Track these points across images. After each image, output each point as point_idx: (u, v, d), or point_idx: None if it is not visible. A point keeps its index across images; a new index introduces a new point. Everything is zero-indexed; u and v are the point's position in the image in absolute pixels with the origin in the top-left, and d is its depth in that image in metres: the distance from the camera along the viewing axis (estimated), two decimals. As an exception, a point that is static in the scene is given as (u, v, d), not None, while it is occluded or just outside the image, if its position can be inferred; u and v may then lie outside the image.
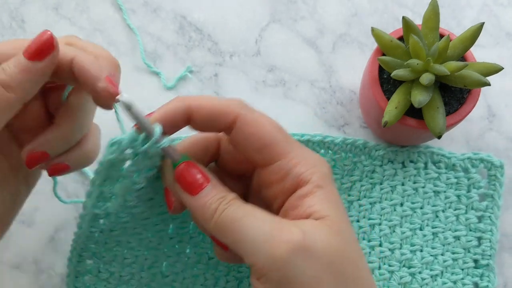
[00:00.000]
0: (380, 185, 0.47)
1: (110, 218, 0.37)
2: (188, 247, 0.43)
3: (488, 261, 0.46)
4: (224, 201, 0.31)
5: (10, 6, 0.53)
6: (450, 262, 0.46)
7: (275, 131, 0.33)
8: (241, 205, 0.32)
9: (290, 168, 0.32)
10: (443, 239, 0.46)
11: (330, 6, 0.53)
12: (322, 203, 0.31)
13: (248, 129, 0.32)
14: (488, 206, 0.47)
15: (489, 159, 0.47)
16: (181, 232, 0.42)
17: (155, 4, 0.53)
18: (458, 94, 0.43)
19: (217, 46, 0.52)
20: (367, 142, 0.47)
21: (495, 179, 0.47)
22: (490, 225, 0.46)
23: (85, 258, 0.42)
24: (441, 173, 0.47)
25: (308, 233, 0.30)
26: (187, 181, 0.33)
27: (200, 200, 0.32)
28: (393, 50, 0.42)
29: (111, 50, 0.51)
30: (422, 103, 0.39)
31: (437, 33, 0.42)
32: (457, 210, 0.47)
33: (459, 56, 0.42)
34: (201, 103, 0.33)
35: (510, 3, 0.53)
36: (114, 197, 0.36)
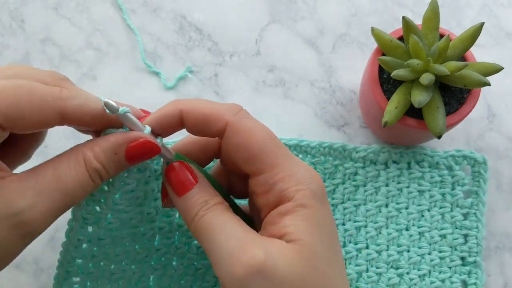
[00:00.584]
0: (363, 187, 0.47)
1: (99, 223, 0.36)
2: (174, 259, 0.43)
3: (475, 258, 0.46)
4: (205, 206, 0.32)
5: (10, 6, 0.53)
6: (437, 261, 0.46)
7: (264, 142, 0.32)
8: (219, 213, 0.31)
9: (274, 182, 0.31)
10: (429, 238, 0.46)
11: (330, 6, 0.53)
12: (299, 224, 0.30)
13: (236, 138, 0.32)
14: (473, 203, 0.47)
15: (472, 156, 0.47)
16: (167, 243, 0.42)
17: (155, 4, 0.53)
18: (458, 94, 0.43)
19: (217, 46, 0.52)
20: (346, 144, 0.47)
21: (478, 175, 0.47)
22: (476, 222, 0.46)
23: (72, 275, 0.39)
24: (425, 172, 0.47)
25: (271, 256, 0.29)
26: (175, 181, 0.33)
27: (185, 202, 0.32)
28: (393, 50, 0.42)
29: (111, 50, 0.52)
30: (422, 103, 0.39)
31: (437, 33, 0.42)
32: (442, 209, 0.47)
33: (459, 56, 0.42)
34: (192, 107, 0.33)
35: (510, 3, 0.53)
36: (103, 200, 0.35)
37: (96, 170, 0.32)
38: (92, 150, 0.32)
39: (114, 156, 0.32)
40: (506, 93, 0.51)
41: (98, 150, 0.32)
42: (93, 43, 0.52)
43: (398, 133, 0.45)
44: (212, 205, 0.32)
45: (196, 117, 0.32)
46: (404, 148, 0.47)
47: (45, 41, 0.52)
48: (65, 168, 0.31)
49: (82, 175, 0.31)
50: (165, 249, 0.42)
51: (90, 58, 0.51)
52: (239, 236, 0.30)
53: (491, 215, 0.48)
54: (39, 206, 0.30)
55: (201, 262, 0.43)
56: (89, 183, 0.32)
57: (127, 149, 0.32)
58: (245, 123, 0.32)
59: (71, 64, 0.51)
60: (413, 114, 0.42)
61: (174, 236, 0.42)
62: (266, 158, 0.31)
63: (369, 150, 0.47)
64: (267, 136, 0.32)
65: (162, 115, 0.33)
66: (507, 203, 0.48)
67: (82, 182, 0.31)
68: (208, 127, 0.32)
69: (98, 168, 0.31)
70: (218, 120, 0.32)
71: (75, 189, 0.31)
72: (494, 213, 0.48)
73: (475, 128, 0.50)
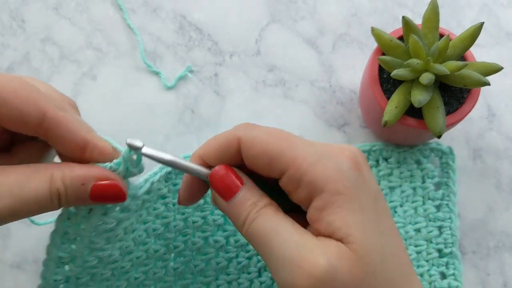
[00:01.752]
0: None
1: (76, 261, 0.35)
2: (152, 284, 0.41)
3: (451, 249, 0.46)
4: (254, 209, 0.31)
5: (10, 6, 0.53)
6: (414, 256, 0.46)
7: (276, 143, 0.31)
8: (270, 216, 0.31)
9: (300, 177, 0.30)
10: (404, 234, 0.46)
11: (330, 6, 0.53)
12: (343, 217, 0.29)
13: (250, 150, 0.31)
14: (444, 194, 0.47)
15: (438, 148, 0.47)
16: (143, 270, 0.41)
17: (155, 4, 0.53)
18: (458, 94, 0.43)
19: (217, 46, 0.52)
20: None
21: (447, 166, 0.47)
22: (449, 213, 0.46)
23: None
24: (394, 168, 0.47)
25: (332, 264, 0.28)
26: (220, 185, 0.32)
27: (233, 206, 0.32)
28: (393, 50, 0.42)
29: (111, 50, 0.52)
30: (422, 103, 0.39)
31: (437, 33, 0.42)
32: (415, 203, 0.47)
33: (459, 56, 0.42)
34: (207, 148, 0.33)
35: (510, 3, 0.54)
36: (79, 238, 0.34)
37: (57, 191, 0.30)
38: (62, 171, 0.31)
39: (80, 186, 0.31)
40: (506, 93, 0.51)
41: (67, 173, 0.31)
42: (93, 43, 0.52)
43: (398, 133, 0.45)
44: (262, 207, 0.31)
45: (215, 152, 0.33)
46: (370, 146, 0.47)
47: (45, 41, 0.52)
48: (29, 178, 0.30)
49: (42, 190, 0.30)
50: (143, 277, 0.41)
51: (90, 58, 0.51)
52: (296, 241, 0.29)
53: (491, 215, 0.48)
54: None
55: (178, 283, 0.43)
56: (46, 201, 0.30)
57: (93, 186, 0.31)
58: (253, 134, 0.32)
59: (71, 64, 0.51)
60: (413, 114, 0.42)
61: (152, 264, 0.41)
62: (284, 157, 0.30)
63: None
64: (279, 135, 0.32)
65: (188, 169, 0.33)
66: (507, 203, 0.48)
67: (40, 197, 0.30)
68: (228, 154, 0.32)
69: (60, 189, 0.30)
70: (232, 142, 0.32)
71: (30, 201, 0.30)
72: (494, 213, 0.48)
73: (475, 128, 0.50)
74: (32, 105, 0.30)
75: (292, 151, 0.31)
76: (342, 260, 0.28)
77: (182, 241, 0.42)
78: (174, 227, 0.41)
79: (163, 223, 0.41)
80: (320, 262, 0.28)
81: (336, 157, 0.31)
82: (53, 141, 0.32)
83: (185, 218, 0.42)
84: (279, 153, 0.31)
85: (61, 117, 0.31)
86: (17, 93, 0.30)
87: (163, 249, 0.41)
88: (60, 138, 0.31)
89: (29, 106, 0.30)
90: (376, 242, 0.30)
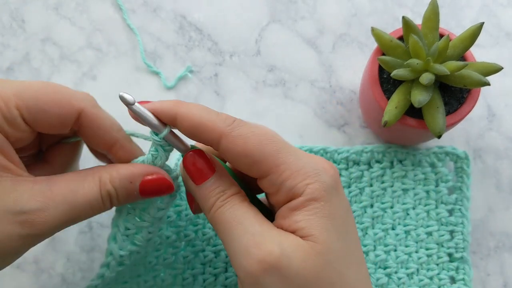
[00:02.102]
0: (348, 188, 0.47)
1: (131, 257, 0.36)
2: (162, 270, 0.43)
3: (462, 254, 0.46)
4: (222, 197, 0.32)
5: (10, 6, 0.53)
6: (425, 259, 0.46)
7: (262, 145, 0.31)
8: (235, 205, 0.32)
9: (282, 181, 0.31)
10: (416, 237, 0.46)
11: (330, 6, 0.53)
12: (311, 219, 0.31)
13: (234, 148, 0.31)
14: (457, 199, 0.47)
15: (454, 152, 0.47)
16: (156, 254, 0.42)
17: (155, 4, 0.53)
18: (458, 94, 0.43)
19: (217, 46, 0.52)
20: (327, 147, 0.47)
21: (461, 171, 0.47)
22: (461, 218, 0.46)
23: None
24: (408, 171, 0.47)
25: (285, 253, 0.29)
26: (193, 169, 0.33)
27: (202, 191, 0.33)
28: (393, 50, 0.42)
29: (111, 50, 0.52)
30: (422, 103, 0.39)
31: (437, 33, 0.42)
32: (427, 206, 0.47)
33: (459, 56, 0.42)
34: (188, 113, 0.32)
35: (510, 3, 0.54)
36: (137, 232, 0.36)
37: (108, 193, 0.32)
38: (109, 173, 0.33)
39: (129, 184, 0.33)
40: (506, 93, 0.51)
41: (115, 175, 0.33)
42: (93, 43, 0.52)
43: (398, 133, 0.45)
44: (229, 196, 0.32)
45: (190, 125, 0.32)
46: (386, 147, 0.47)
47: (45, 41, 0.52)
48: (80, 184, 0.32)
49: (93, 194, 0.32)
50: (154, 261, 0.42)
51: (90, 58, 0.51)
52: (255, 231, 0.30)
53: (491, 215, 0.48)
54: (46, 211, 0.30)
55: (188, 272, 0.44)
56: (99, 204, 0.32)
57: (142, 182, 0.33)
58: (239, 132, 0.31)
59: (71, 64, 0.51)
60: (413, 114, 0.42)
61: (162, 248, 0.42)
62: (267, 160, 0.31)
63: (351, 151, 0.47)
64: (264, 138, 0.32)
65: (157, 110, 0.33)
66: (507, 203, 0.48)
67: (92, 201, 0.32)
68: (201, 136, 0.32)
69: (110, 191, 0.32)
70: (212, 131, 0.32)
71: (84, 206, 0.32)
72: (494, 213, 0.48)
73: (475, 128, 0.50)
74: (68, 107, 0.32)
75: (276, 157, 0.31)
76: (297, 252, 0.30)
77: (193, 231, 0.43)
78: (186, 216, 0.43)
79: (176, 210, 0.42)
80: (273, 250, 0.29)
81: (318, 168, 0.32)
82: (85, 137, 0.34)
83: None
84: (263, 157, 0.31)
85: (94, 115, 0.33)
86: (54, 98, 0.32)
87: (174, 236, 0.42)
88: (92, 134, 0.34)
89: (66, 108, 0.32)
90: (339, 247, 0.31)
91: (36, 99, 0.32)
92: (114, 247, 0.36)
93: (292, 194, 0.31)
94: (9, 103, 0.31)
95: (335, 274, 0.30)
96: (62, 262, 0.46)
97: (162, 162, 0.34)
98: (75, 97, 0.33)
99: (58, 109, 0.32)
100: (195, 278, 0.44)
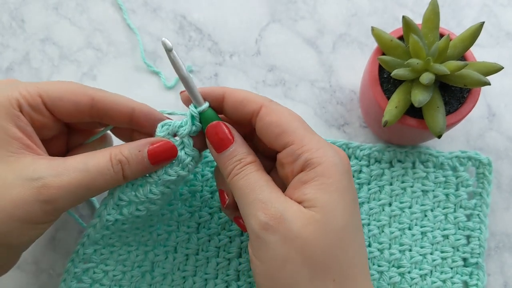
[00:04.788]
0: (367, 185, 0.47)
1: (130, 208, 0.39)
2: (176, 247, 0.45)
3: (477, 260, 0.46)
4: (238, 165, 0.36)
5: (10, 6, 0.53)
6: (439, 261, 0.46)
7: (293, 121, 0.36)
8: (250, 173, 0.35)
9: (301, 153, 0.35)
10: (432, 238, 0.46)
11: (330, 6, 0.53)
12: (317, 193, 0.34)
13: (268, 117, 0.36)
14: (476, 204, 0.47)
15: (477, 157, 0.47)
16: (169, 230, 0.45)
17: (155, 4, 0.53)
18: (458, 94, 0.43)
19: (217, 46, 0.52)
20: (350, 142, 0.48)
21: (483, 177, 0.47)
22: (479, 223, 0.46)
23: (84, 260, 0.42)
24: (429, 172, 0.47)
25: (287, 217, 0.33)
26: (215, 138, 0.37)
27: (222, 159, 0.37)
28: (393, 50, 0.42)
29: (111, 50, 0.52)
30: (422, 103, 0.39)
31: (437, 33, 0.42)
32: (446, 209, 0.47)
33: (459, 55, 0.42)
34: (235, 91, 0.38)
35: (510, 3, 0.54)
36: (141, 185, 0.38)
37: (119, 161, 0.36)
38: (118, 148, 0.37)
39: (138, 153, 0.36)
40: (506, 93, 0.51)
41: (123, 147, 0.37)
42: (93, 43, 0.52)
43: (398, 132, 0.45)
44: (245, 164, 0.36)
45: (237, 98, 0.37)
46: (410, 148, 0.48)
47: (45, 41, 0.52)
48: (91, 156, 0.36)
49: (104, 162, 0.35)
50: (166, 236, 0.44)
51: (90, 58, 0.51)
52: (263, 197, 0.34)
53: (491, 215, 0.48)
54: (60, 177, 0.34)
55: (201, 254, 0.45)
56: (109, 171, 0.36)
57: (149, 149, 0.37)
58: (277, 107, 0.37)
59: (71, 64, 0.51)
60: (413, 114, 0.42)
61: (178, 228, 0.45)
62: (294, 133, 0.35)
63: (374, 148, 0.47)
64: (296, 117, 0.37)
65: (209, 89, 0.38)
66: (507, 203, 0.48)
67: (103, 168, 0.35)
68: (245, 108, 0.37)
69: (121, 159, 0.36)
70: (254, 102, 0.37)
71: (95, 173, 0.35)
72: (494, 213, 0.48)
73: (475, 128, 0.50)
74: (82, 94, 0.38)
75: (302, 134, 0.35)
76: (298, 218, 0.33)
77: (208, 213, 0.46)
78: (201, 198, 0.45)
79: (191, 190, 0.45)
80: (277, 214, 0.33)
81: (335, 153, 0.36)
82: (105, 118, 0.39)
83: (212, 191, 0.46)
84: (291, 130, 0.35)
85: (106, 96, 0.38)
86: (68, 88, 0.38)
87: (188, 214, 0.45)
88: (110, 113, 0.38)
89: (80, 96, 0.37)
90: (340, 222, 0.34)
91: (54, 89, 0.37)
92: (103, 211, 0.39)
93: (306, 165, 0.34)
94: (33, 92, 0.36)
95: (337, 242, 0.33)
96: (62, 262, 0.46)
97: (185, 133, 0.38)
98: (87, 87, 0.38)
99: (73, 96, 0.37)
100: (209, 260, 0.45)
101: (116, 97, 0.39)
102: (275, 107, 0.37)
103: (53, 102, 0.37)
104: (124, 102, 0.39)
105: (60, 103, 0.37)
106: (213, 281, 0.45)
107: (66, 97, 0.37)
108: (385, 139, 0.49)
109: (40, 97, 0.37)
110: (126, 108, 0.39)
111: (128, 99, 0.39)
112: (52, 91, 0.37)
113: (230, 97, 0.38)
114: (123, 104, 0.39)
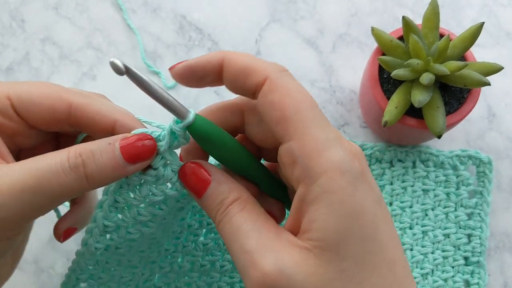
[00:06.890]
0: None
1: (119, 232, 0.34)
2: (180, 256, 0.42)
3: (479, 258, 0.46)
4: (220, 209, 0.30)
5: (10, 6, 0.53)
6: (440, 260, 0.46)
7: (301, 105, 0.28)
8: (233, 217, 0.29)
9: (300, 155, 0.27)
10: (433, 238, 0.46)
11: (330, 6, 0.53)
12: (326, 219, 0.27)
13: (272, 95, 0.28)
14: (477, 203, 0.47)
15: (477, 156, 0.47)
16: (175, 242, 0.42)
17: (155, 4, 0.53)
18: (458, 94, 0.43)
19: (217, 46, 0.52)
20: (352, 141, 0.48)
21: (483, 175, 0.47)
22: (480, 222, 0.46)
23: (80, 281, 0.38)
24: (430, 171, 0.47)
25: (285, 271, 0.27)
26: (189, 184, 0.31)
27: (204, 204, 0.31)
28: (393, 50, 0.42)
29: (111, 50, 0.52)
30: (422, 103, 0.39)
31: (437, 33, 0.42)
32: (447, 208, 0.47)
33: (459, 56, 0.42)
34: (236, 57, 0.30)
35: (510, 3, 0.53)
36: (128, 207, 0.33)
37: (79, 154, 0.29)
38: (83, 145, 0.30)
39: (107, 146, 0.29)
40: (506, 93, 0.51)
41: (90, 142, 0.30)
42: (93, 43, 0.52)
43: (398, 132, 0.45)
44: (228, 206, 0.30)
45: (239, 66, 0.29)
46: (410, 147, 0.48)
47: (45, 41, 0.52)
48: (47, 155, 0.29)
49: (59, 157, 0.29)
50: (173, 248, 0.42)
51: (90, 58, 0.51)
52: (251, 247, 0.28)
53: (491, 215, 0.48)
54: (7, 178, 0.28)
55: (206, 258, 0.44)
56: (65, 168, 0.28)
57: (121, 141, 0.30)
58: (285, 82, 0.28)
59: (71, 64, 0.51)
60: (413, 114, 0.42)
61: (182, 236, 0.42)
62: (298, 123, 0.27)
63: (375, 148, 0.48)
64: (306, 100, 0.28)
65: (203, 59, 0.31)
66: (507, 203, 0.48)
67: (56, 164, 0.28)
68: (247, 79, 0.29)
69: (82, 151, 0.29)
70: (258, 72, 0.29)
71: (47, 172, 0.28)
72: (494, 213, 0.48)
73: (475, 128, 0.50)
74: (58, 100, 0.32)
75: (307, 124, 0.28)
76: (300, 267, 0.27)
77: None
78: None
79: None
80: (270, 270, 0.27)
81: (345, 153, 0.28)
82: (85, 128, 0.33)
83: None
84: (293, 118, 0.28)
85: (85, 104, 0.32)
86: (43, 92, 0.32)
87: (196, 224, 0.42)
88: (89, 122, 0.32)
89: (56, 101, 0.32)
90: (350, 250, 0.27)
91: (27, 92, 0.32)
92: (89, 240, 0.34)
93: (306, 176, 0.27)
94: (0, 93, 0.31)
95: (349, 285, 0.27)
96: (62, 262, 0.46)
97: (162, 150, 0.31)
98: (65, 91, 0.32)
99: (48, 100, 0.32)
100: (213, 264, 0.44)
101: (97, 106, 0.33)
102: (282, 82, 0.28)
103: (23, 106, 0.31)
104: (107, 113, 0.32)
105: (33, 108, 0.31)
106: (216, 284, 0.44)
107: (39, 101, 0.31)
108: (385, 139, 0.49)
109: (9, 99, 0.31)
110: (107, 119, 0.32)
111: (112, 108, 0.33)
112: (25, 93, 0.31)
113: (229, 66, 0.30)
114: (104, 114, 0.32)
